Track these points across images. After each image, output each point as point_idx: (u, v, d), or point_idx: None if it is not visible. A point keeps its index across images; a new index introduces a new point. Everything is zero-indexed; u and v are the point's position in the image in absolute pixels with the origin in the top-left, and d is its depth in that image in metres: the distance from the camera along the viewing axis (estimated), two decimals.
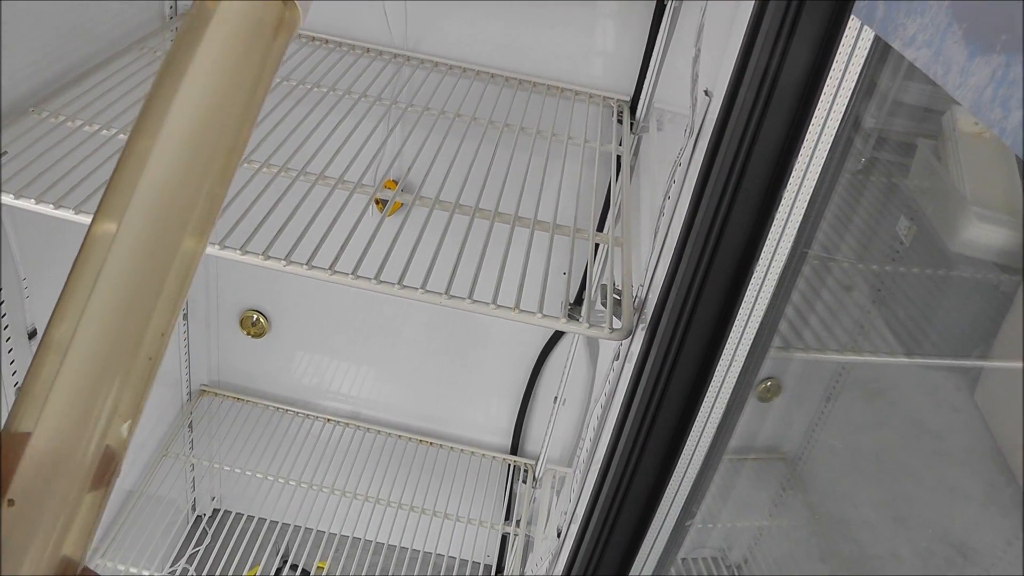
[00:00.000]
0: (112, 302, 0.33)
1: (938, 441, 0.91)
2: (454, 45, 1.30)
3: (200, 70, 0.35)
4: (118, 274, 0.33)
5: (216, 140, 0.35)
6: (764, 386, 1.03)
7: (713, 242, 0.66)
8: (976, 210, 0.79)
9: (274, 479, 1.63)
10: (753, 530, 1.28)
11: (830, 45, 0.58)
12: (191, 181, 0.35)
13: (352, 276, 0.81)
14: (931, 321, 0.90)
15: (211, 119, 0.35)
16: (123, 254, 0.34)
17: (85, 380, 0.32)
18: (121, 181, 0.34)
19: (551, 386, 1.64)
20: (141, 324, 0.33)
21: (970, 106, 0.38)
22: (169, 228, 0.34)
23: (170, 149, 0.35)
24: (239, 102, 0.36)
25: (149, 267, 0.34)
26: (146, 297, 0.34)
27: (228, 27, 0.36)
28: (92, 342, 0.33)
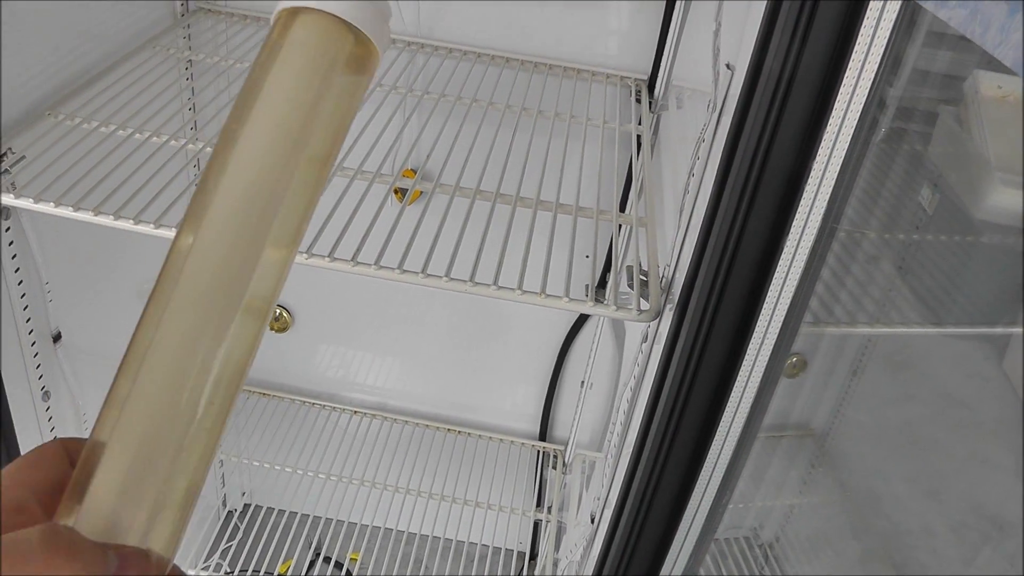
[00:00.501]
0: (188, 312, 0.33)
1: (967, 411, 0.90)
2: (468, 30, 1.29)
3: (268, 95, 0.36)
4: (194, 285, 0.33)
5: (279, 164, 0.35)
6: (790, 362, 1.01)
7: (742, 218, 0.65)
8: (1000, 175, 0.78)
9: (303, 472, 1.63)
10: (784, 508, 1.27)
11: (856, 13, 0.57)
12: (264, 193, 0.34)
13: (375, 267, 0.80)
14: (957, 290, 0.89)
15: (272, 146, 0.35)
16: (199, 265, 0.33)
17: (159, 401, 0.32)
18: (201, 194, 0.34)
19: (577, 371, 1.63)
20: (219, 332, 0.33)
21: (1012, 63, 0.36)
22: (245, 240, 0.34)
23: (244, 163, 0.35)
24: (298, 121, 0.36)
25: (226, 276, 0.33)
26: (225, 305, 0.33)
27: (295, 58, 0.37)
28: (167, 354, 0.32)
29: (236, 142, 0.35)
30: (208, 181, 0.34)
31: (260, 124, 0.35)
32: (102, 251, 1.22)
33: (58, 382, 1.12)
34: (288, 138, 0.35)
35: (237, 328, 0.34)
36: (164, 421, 0.32)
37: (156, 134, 0.96)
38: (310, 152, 0.36)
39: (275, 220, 0.35)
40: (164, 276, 0.33)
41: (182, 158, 0.95)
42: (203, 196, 0.34)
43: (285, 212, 0.35)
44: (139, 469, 0.31)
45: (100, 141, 0.94)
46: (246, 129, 0.35)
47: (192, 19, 1.27)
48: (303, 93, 0.36)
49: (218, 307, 0.33)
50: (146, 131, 0.96)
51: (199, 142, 0.97)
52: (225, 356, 0.33)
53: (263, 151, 0.35)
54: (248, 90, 0.36)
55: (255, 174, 0.35)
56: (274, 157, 0.35)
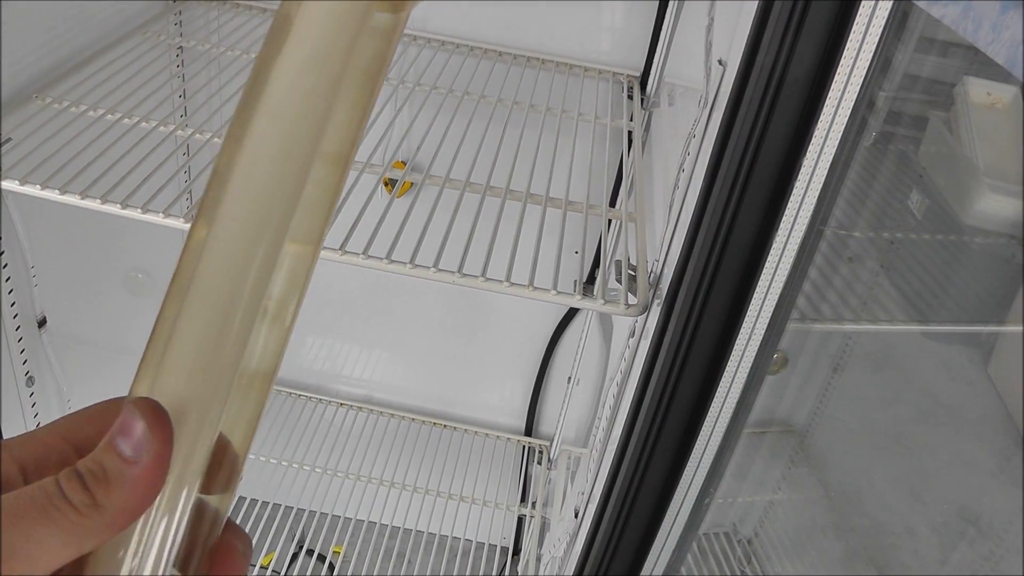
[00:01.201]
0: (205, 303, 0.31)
1: (951, 413, 0.91)
2: (461, 23, 1.29)
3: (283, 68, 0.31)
4: (210, 277, 0.31)
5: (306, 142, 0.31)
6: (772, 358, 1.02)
7: (731, 214, 0.65)
8: (989, 181, 0.78)
9: (288, 464, 1.63)
10: (764, 504, 1.27)
11: (847, 13, 0.57)
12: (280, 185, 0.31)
13: (363, 256, 0.79)
14: (944, 294, 0.89)
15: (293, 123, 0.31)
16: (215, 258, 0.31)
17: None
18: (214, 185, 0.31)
19: (565, 366, 1.63)
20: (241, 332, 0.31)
21: (1004, 61, 0.36)
22: (262, 232, 0.31)
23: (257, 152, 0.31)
24: (323, 101, 0.31)
25: (241, 271, 0.31)
26: (245, 300, 0.31)
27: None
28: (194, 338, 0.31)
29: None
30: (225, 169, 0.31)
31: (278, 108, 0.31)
32: (89, 236, 1.22)
33: (43, 368, 1.12)
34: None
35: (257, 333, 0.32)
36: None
37: (145, 119, 0.96)
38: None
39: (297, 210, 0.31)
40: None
41: (171, 144, 0.94)
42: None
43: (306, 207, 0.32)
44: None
45: (88, 125, 0.93)
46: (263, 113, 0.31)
47: (183, 5, 1.26)
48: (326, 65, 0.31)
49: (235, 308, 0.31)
50: (135, 116, 0.96)
51: (188, 128, 0.97)
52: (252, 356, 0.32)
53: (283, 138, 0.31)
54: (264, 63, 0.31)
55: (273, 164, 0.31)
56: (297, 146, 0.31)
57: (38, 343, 1.10)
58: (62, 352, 1.14)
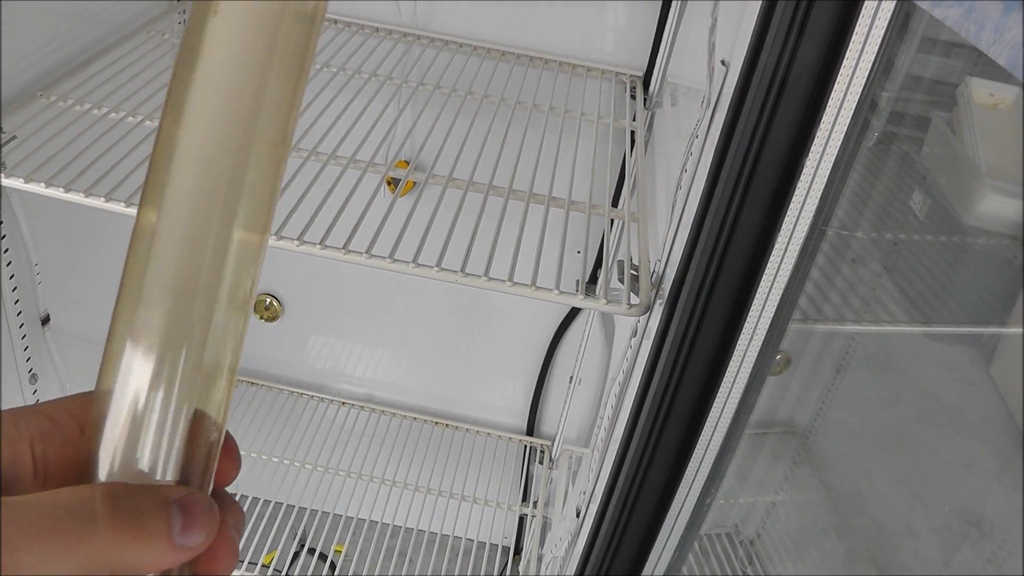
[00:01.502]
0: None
1: (953, 414, 0.91)
2: (464, 23, 1.29)
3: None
4: (163, 259, 0.31)
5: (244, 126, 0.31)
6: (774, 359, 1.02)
7: (733, 214, 0.65)
8: (991, 182, 0.78)
9: (290, 463, 1.63)
10: (765, 505, 1.27)
11: (850, 14, 0.57)
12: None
13: (366, 255, 0.80)
14: (947, 295, 0.89)
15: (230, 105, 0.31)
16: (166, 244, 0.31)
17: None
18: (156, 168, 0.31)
19: (566, 366, 1.63)
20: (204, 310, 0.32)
21: (1006, 63, 0.36)
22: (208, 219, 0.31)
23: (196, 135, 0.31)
24: (253, 85, 0.31)
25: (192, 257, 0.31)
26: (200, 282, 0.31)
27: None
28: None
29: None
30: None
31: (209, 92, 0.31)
32: (93, 234, 1.22)
33: (46, 365, 1.12)
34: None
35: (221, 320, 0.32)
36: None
37: (149, 117, 0.96)
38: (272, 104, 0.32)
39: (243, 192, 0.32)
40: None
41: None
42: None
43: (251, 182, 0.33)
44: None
45: (92, 123, 0.94)
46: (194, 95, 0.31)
47: (187, 4, 1.26)
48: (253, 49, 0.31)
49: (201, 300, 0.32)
50: (139, 114, 0.96)
51: None
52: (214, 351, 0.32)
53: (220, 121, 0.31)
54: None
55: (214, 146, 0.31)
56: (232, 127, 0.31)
57: (41, 340, 1.10)
58: (65, 349, 1.14)
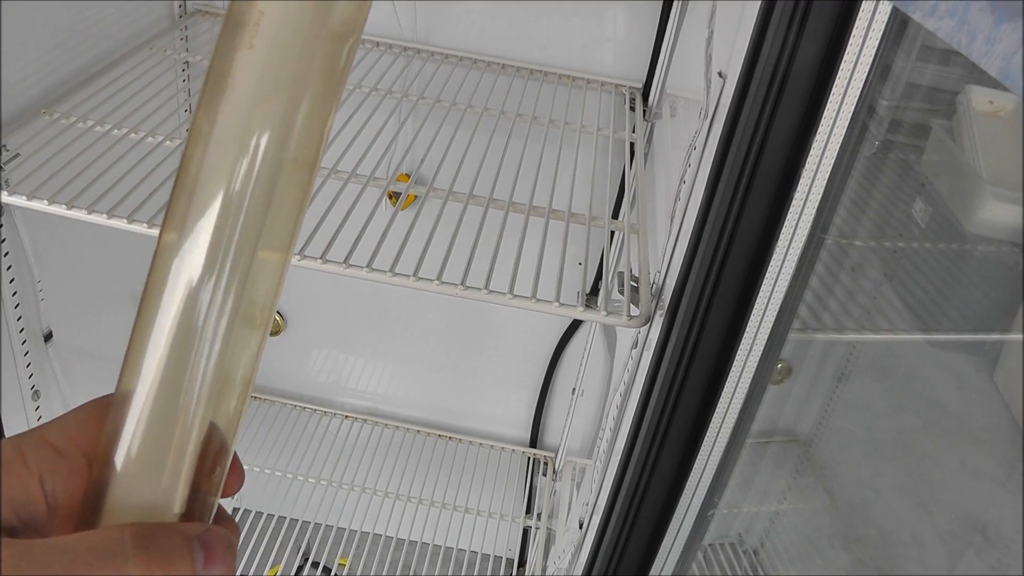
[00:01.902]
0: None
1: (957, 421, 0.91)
2: (464, 36, 1.30)
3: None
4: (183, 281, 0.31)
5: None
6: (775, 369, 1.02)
7: (732, 225, 0.65)
8: (992, 189, 0.78)
9: (292, 477, 1.63)
10: (769, 514, 1.27)
11: (845, 24, 0.57)
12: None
13: (367, 269, 0.80)
14: (949, 302, 0.89)
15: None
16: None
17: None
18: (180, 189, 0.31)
19: (569, 378, 1.63)
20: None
21: (998, 74, 0.36)
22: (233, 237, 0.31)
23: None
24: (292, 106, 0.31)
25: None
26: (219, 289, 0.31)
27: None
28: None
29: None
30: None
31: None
32: (96, 251, 1.23)
33: (49, 382, 1.12)
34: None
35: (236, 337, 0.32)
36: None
37: (151, 134, 0.97)
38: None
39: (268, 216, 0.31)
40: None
41: (177, 158, 0.95)
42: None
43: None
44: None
45: (95, 140, 0.94)
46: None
47: (190, 20, 1.27)
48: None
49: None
50: (141, 131, 0.97)
51: None
52: (223, 362, 0.32)
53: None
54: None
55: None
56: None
57: (44, 357, 1.10)
58: (68, 366, 1.14)
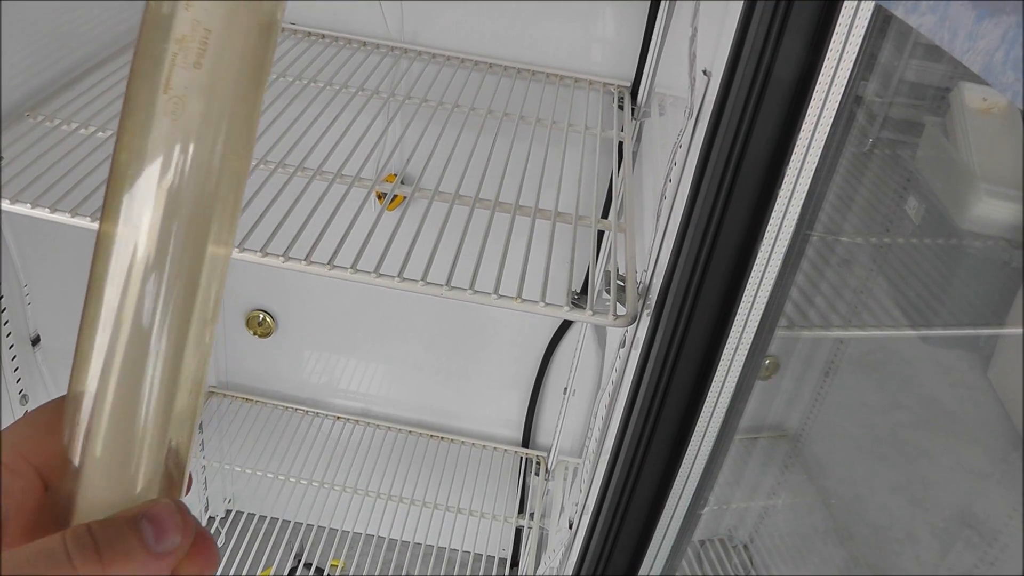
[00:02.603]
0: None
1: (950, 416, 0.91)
2: (452, 36, 1.29)
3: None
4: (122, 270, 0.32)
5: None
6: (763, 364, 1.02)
7: (716, 223, 0.65)
8: (985, 186, 0.78)
9: (285, 478, 1.63)
10: (758, 509, 1.27)
11: (827, 22, 0.57)
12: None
13: (351, 270, 0.80)
14: (943, 299, 0.89)
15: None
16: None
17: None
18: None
19: (561, 377, 1.63)
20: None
21: (980, 70, 0.36)
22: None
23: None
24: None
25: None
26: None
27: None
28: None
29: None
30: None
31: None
32: (83, 254, 1.22)
33: (36, 386, 1.12)
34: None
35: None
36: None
37: None
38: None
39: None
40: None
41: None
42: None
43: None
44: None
45: (79, 143, 0.94)
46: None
47: None
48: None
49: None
50: None
51: None
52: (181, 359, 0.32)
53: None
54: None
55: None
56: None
57: (32, 361, 1.10)
58: (56, 370, 1.14)
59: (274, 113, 1.05)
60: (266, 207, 0.87)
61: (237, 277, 1.59)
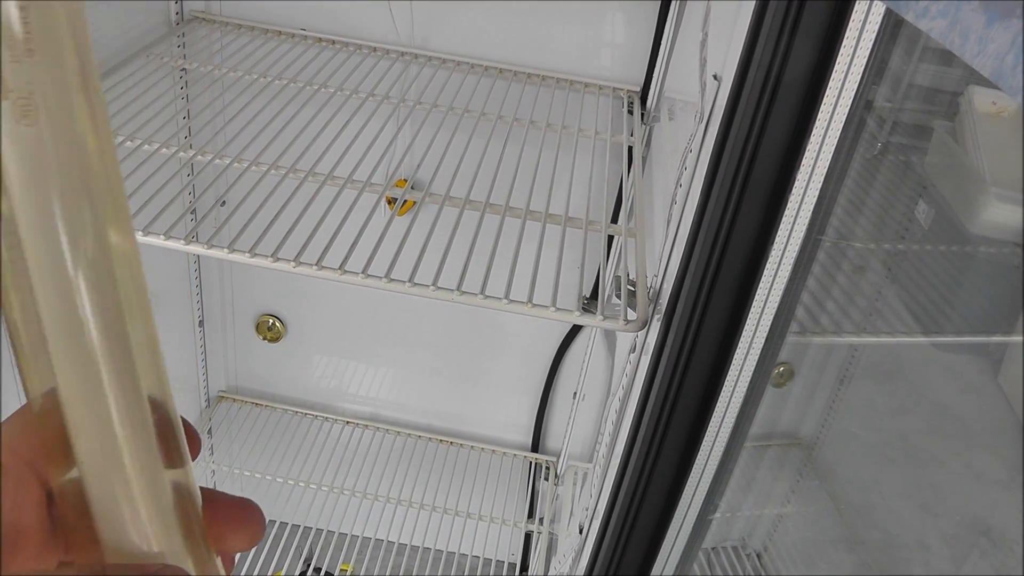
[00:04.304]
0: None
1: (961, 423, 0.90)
2: (461, 41, 1.30)
3: None
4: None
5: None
6: (777, 371, 1.01)
7: (727, 227, 0.65)
8: (995, 190, 0.78)
9: (295, 482, 1.63)
10: (772, 518, 1.27)
11: (838, 25, 0.57)
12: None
13: (362, 275, 0.80)
14: (953, 305, 0.89)
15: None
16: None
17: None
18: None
19: (570, 382, 1.63)
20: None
21: (990, 74, 0.36)
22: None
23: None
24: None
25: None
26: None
27: None
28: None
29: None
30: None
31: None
32: None
33: None
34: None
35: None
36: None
37: (148, 142, 0.96)
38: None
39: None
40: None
41: (174, 165, 0.95)
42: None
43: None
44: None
45: None
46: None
47: (187, 27, 1.27)
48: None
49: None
50: (137, 139, 0.97)
51: (191, 150, 0.98)
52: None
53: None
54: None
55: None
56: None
57: None
58: None
59: (285, 119, 1.05)
60: (277, 212, 0.87)
61: (247, 282, 1.60)
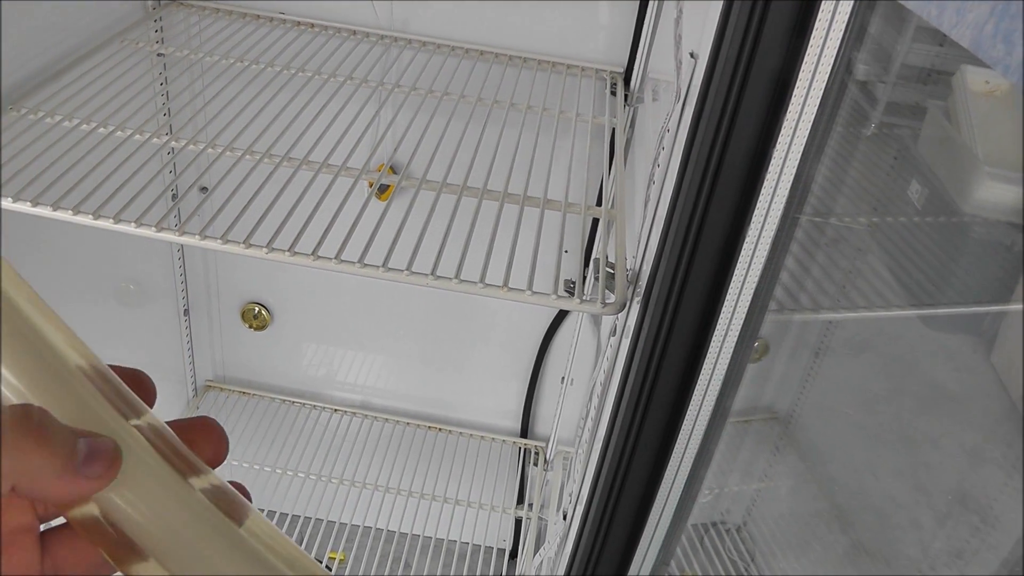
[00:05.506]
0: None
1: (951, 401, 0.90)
2: (442, 24, 1.28)
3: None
4: None
5: None
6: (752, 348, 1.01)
7: (702, 206, 0.64)
8: (988, 169, 0.78)
9: (283, 471, 1.62)
10: (751, 492, 1.27)
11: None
12: None
13: (335, 260, 0.79)
14: (945, 282, 0.89)
15: None
16: None
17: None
18: None
19: (559, 367, 1.62)
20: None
21: (969, 44, 0.35)
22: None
23: None
24: None
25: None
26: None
27: None
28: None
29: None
30: None
31: None
32: (71, 246, 1.21)
33: None
34: None
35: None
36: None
37: (121, 128, 0.95)
38: None
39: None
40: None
41: (151, 152, 0.93)
42: None
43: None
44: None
45: (62, 136, 0.93)
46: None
47: (164, 11, 1.26)
48: None
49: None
50: (110, 125, 0.95)
51: (168, 136, 0.96)
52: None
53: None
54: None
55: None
56: None
57: None
58: None
59: (261, 103, 1.04)
60: (251, 197, 0.86)
61: (231, 270, 1.59)
